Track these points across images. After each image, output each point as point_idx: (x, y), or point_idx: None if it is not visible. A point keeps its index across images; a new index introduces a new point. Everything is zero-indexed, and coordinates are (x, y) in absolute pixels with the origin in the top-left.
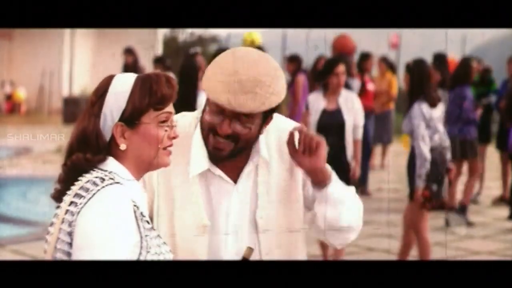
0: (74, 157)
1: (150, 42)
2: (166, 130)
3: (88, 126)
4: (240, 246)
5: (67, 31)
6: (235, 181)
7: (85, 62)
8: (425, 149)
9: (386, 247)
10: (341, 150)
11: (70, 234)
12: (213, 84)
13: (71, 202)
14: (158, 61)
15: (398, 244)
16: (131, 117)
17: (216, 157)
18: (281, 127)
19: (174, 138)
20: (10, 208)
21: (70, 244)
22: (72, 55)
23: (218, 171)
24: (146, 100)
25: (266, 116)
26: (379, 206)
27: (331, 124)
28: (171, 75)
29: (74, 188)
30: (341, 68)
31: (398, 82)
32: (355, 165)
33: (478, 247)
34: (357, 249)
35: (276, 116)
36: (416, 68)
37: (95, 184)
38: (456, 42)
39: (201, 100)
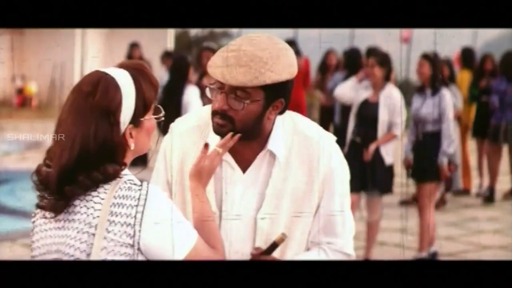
0: (111, 169)
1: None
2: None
3: (112, 137)
4: (236, 243)
5: None
6: (244, 171)
7: (96, 56)
8: (454, 130)
9: (398, 242)
10: (372, 142)
11: (132, 236)
12: (214, 59)
13: (113, 212)
14: (167, 55)
15: (410, 238)
16: (138, 116)
17: (219, 134)
18: (306, 133)
19: None
20: (22, 202)
21: (132, 246)
22: (83, 49)
23: (228, 157)
24: (152, 93)
25: (270, 98)
26: (390, 201)
27: (367, 115)
28: None
29: (104, 196)
30: (369, 60)
31: None
32: (372, 144)
33: (489, 242)
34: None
35: (303, 120)
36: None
37: (131, 189)
38: (467, 37)
39: (188, 94)
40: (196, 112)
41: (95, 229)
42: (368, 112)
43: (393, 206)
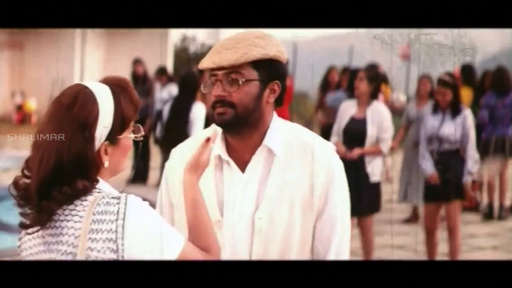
0: (80, 184)
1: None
2: (135, 138)
3: (86, 152)
4: (235, 242)
5: (77, 42)
6: (243, 171)
7: (96, 72)
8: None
9: (396, 258)
10: (360, 158)
11: (115, 250)
12: (206, 55)
13: (93, 230)
14: (161, 71)
15: (409, 255)
16: (116, 134)
17: (222, 124)
18: (303, 137)
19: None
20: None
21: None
22: (83, 65)
23: (228, 158)
24: (132, 111)
25: (265, 78)
26: (389, 217)
27: (354, 132)
28: (174, 86)
29: (83, 214)
30: (359, 73)
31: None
32: (357, 149)
33: (490, 258)
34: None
35: (300, 126)
36: (453, 81)
37: (110, 204)
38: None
39: (194, 112)
40: (195, 135)
41: (77, 248)
42: (353, 129)
43: (392, 222)
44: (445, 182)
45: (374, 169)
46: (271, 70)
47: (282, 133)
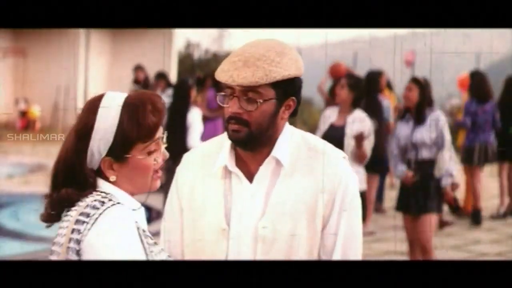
0: (64, 192)
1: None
2: (155, 160)
3: (77, 163)
4: (239, 252)
5: (81, 48)
6: (251, 182)
7: (99, 79)
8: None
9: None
10: None
11: (77, 251)
12: (221, 65)
13: (73, 230)
14: (160, 76)
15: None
16: (119, 151)
17: (235, 140)
18: (314, 146)
19: (164, 159)
20: (25, 225)
21: None
22: (87, 72)
23: (235, 169)
24: (134, 133)
25: (282, 96)
26: (394, 224)
27: (332, 139)
28: (171, 92)
29: (73, 214)
30: (341, 81)
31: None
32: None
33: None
34: None
35: (312, 135)
36: (424, 82)
37: (95, 208)
38: (469, 60)
39: (191, 116)
40: (205, 142)
41: (61, 248)
42: (332, 135)
43: (396, 229)
44: (419, 194)
45: (359, 178)
46: (288, 87)
47: (291, 143)
